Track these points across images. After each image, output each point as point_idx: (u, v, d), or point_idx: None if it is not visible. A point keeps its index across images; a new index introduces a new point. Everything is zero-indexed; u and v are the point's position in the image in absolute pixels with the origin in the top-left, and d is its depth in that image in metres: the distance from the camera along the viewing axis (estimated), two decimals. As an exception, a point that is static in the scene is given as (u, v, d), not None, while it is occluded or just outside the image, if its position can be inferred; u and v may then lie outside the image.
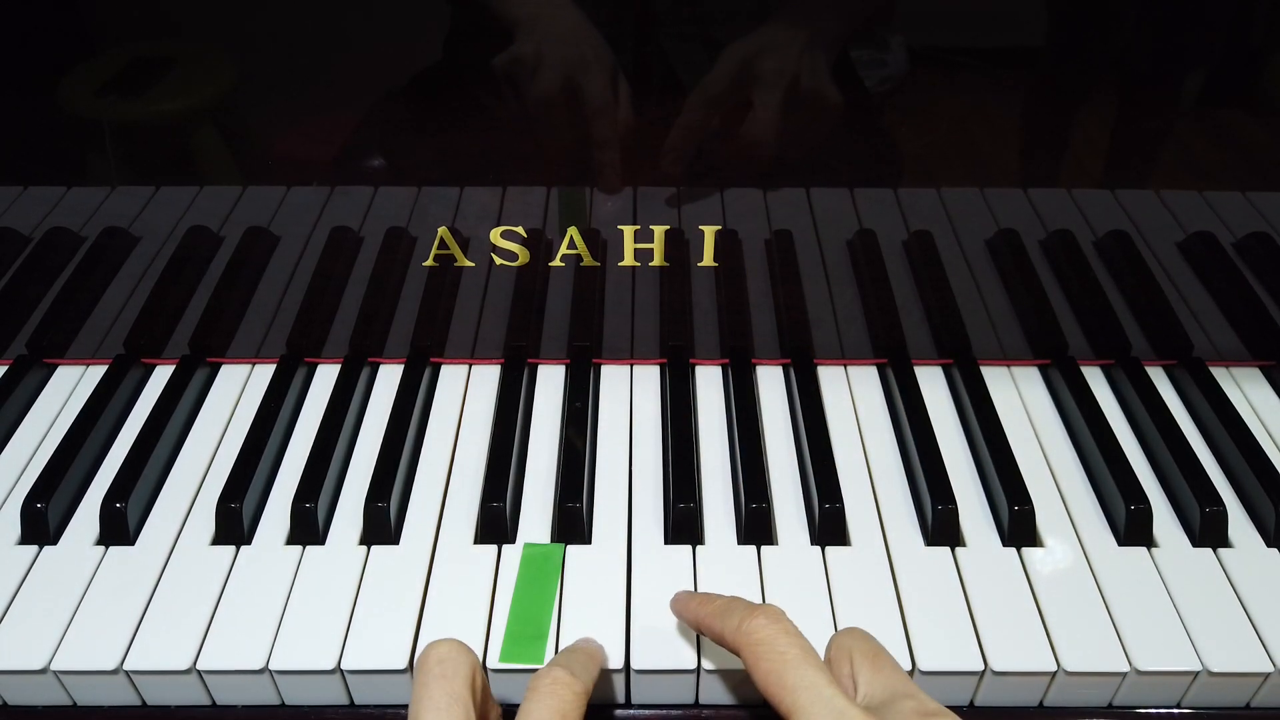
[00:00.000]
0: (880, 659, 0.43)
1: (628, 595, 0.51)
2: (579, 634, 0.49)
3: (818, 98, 0.55)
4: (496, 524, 0.54)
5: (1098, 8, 0.55)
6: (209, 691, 0.49)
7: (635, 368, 0.67)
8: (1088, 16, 0.56)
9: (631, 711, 0.49)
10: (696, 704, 0.49)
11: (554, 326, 0.65)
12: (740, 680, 0.48)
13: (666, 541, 0.54)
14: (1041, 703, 0.49)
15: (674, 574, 0.52)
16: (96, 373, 0.66)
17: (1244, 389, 0.65)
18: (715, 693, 0.49)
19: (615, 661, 0.48)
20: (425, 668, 0.41)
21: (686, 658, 0.48)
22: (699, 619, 0.45)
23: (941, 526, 0.54)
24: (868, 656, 0.43)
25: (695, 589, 0.51)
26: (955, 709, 0.42)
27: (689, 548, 0.54)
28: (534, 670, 0.47)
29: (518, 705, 0.48)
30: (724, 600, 0.44)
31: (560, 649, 0.48)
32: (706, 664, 0.47)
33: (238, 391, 0.65)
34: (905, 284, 0.63)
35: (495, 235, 0.61)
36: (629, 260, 0.62)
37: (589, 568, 0.52)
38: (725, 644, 0.43)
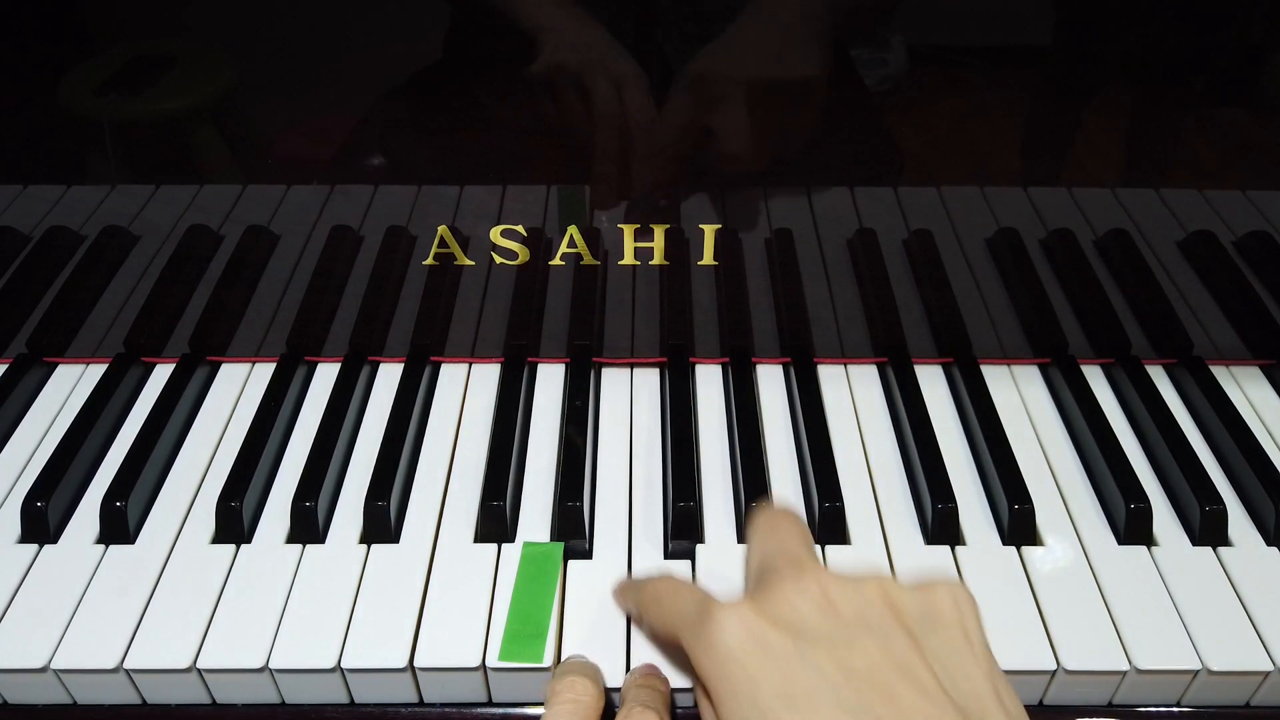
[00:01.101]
0: (773, 522, 0.45)
1: (628, 594, 0.51)
2: (580, 633, 0.49)
3: (789, 88, 0.55)
4: (496, 523, 0.54)
5: (1098, 6, 0.55)
6: (209, 690, 0.49)
7: (635, 367, 0.67)
8: (1088, 15, 0.56)
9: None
10: (697, 704, 0.49)
11: (554, 325, 0.65)
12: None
13: (666, 541, 0.54)
14: (1041, 701, 0.49)
15: (675, 574, 0.52)
16: (96, 371, 0.66)
17: (1244, 388, 0.65)
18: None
19: (617, 663, 0.48)
20: (557, 693, 0.43)
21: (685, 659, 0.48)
22: (623, 603, 0.49)
23: (941, 525, 0.54)
24: (763, 523, 0.45)
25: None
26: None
27: (689, 546, 0.54)
28: (533, 669, 0.47)
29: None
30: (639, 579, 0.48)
31: (560, 650, 0.48)
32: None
33: (238, 390, 0.65)
34: (905, 283, 0.63)
35: (495, 234, 0.61)
36: (629, 259, 0.62)
37: (589, 567, 0.52)
38: (641, 612, 0.47)
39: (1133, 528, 0.54)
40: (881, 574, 0.40)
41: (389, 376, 0.65)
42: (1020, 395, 0.65)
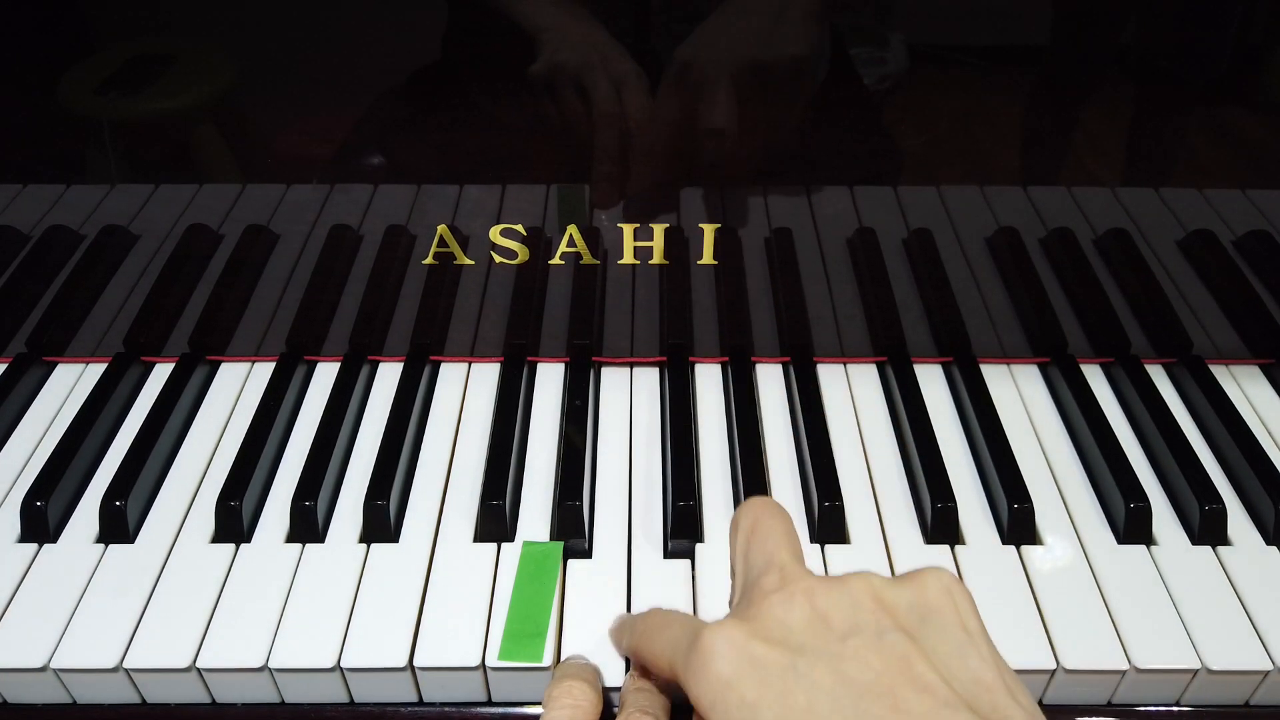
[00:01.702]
0: (759, 526, 0.42)
1: (628, 594, 0.51)
2: (580, 632, 0.49)
3: (777, 69, 0.55)
4: (496, 522, 0.54)
5: (1098, 5, 0.55)
6: (209, 689, 0.49)
7: (635, 366, 0.67)
8: (1088, 14, 0.56)
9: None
10: (696, 702, 0.49)
11: (554, 324, 0.65)
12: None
13: (666, 540, 0.54)
14: (1041, 700, 0.49)
15: (674, 573, 0.52)
16: (96, 371, 0.66)
17: (1243, 387, 0.65)
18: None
19: (616, 663, 0.48)
20: (555, 698, 0.43)
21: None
22: (616, 643, 0.48)
23: (941, 524, 0.54)
24: (749, 528, 0.43)
25: (695, 587, 0.51)
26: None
27: (689, 546, 0.54)
28: (533, 669, 0.47)
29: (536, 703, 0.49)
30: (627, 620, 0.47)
31: (560, 650, 0.48)
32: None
33: (237, 389, 0.65)
34: (905, 282, 0.63)
35: (495, 233, 0.61)
36: (629, 258, 0.62)
37: (589, 566, 0.52)
38: (633, 653, 0.45)
39: (1132, 527, 0.54)
40: (868, 573, 0.38)
41: (389, 376, 0.65)
42: (1020, 394, 0.65)
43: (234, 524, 0.54)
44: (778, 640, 0.36)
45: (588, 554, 0.54)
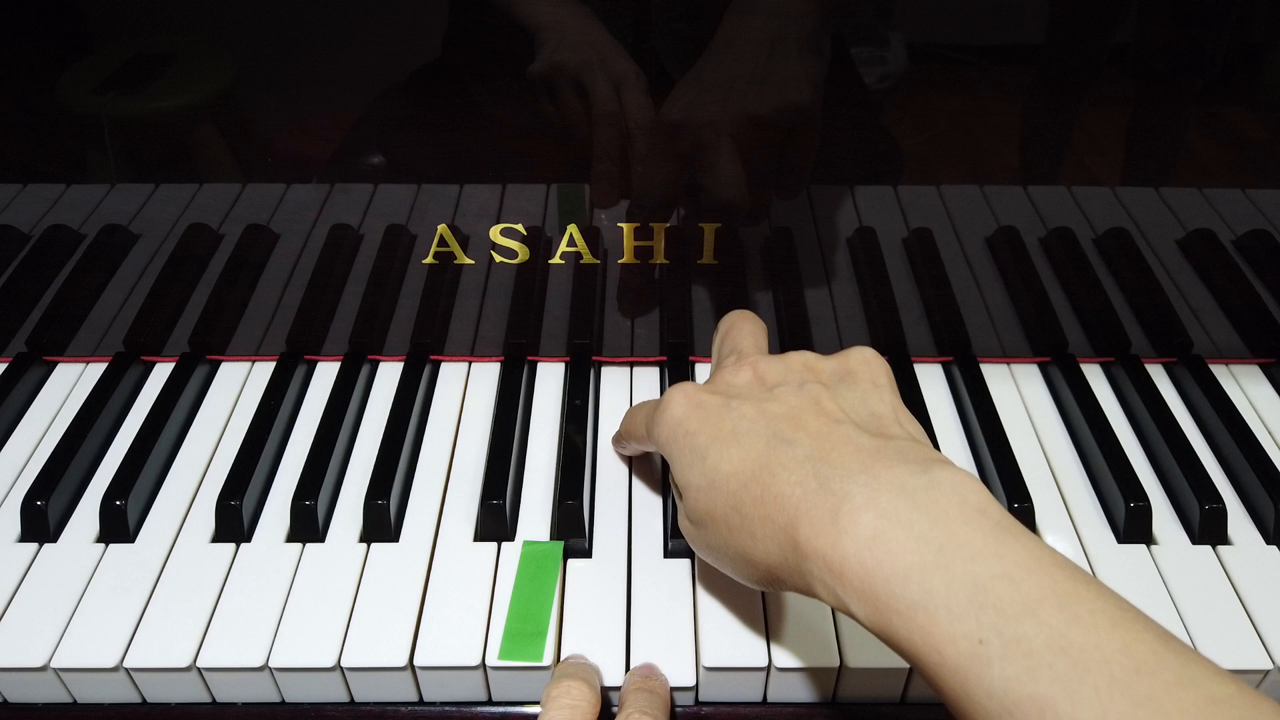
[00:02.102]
0: (732, 331, 0.51)
1: (628, 594, 0.51)
2: (579, 631, 0.49)
3: (783, 114, 0.55)
4: (496, 521, 0.54)
5: (1098, 5, 0.55)
6: (209, 689, 0.49)
7: (635, 365, 0.67)
8: (1088, 13, 0.56)
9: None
10: (697, 702, 0.49)
11: (554, 324, 0.65)
12: (737, 678, 0.48)
13: (666, 539, 0.54)
14: (1041, 700, 0.49)
15: (675, 572, 0.52)
16: (96, 370, 0.66)
17: (1243, 386, 0.65)
18: (713, 690, 0.49)
19: (617, 659, 0.48)
20: (554, 698, 0.44)
21: (685, 657, 0.48)
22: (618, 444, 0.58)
23: (941, 524, 0.54)
24: (727, 329, 0.52)
25: (694, 588, 0.51)
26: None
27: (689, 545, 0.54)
28: (533, 668, 0.47)
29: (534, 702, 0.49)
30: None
31: (560, 650, 0.48)
32: (706, 662, 0.47)
33: (237, 389, 0.65)
34: (905, 281, 0.63)
35: (495, 233, 0.61)
36: (629, 258, 0.62)
37: (589, 566, 0.53)
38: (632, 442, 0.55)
39: (1132, 526, 0.54)
40: (806, 351, 0.47)
41: (389, 375, 0.65)
42: (1020, 393, 0.65)
43: (234, 523, 0.54)
44: (720, 392, 0.45)
45: (588, 553, 0.54)
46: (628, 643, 0.49)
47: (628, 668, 0.48)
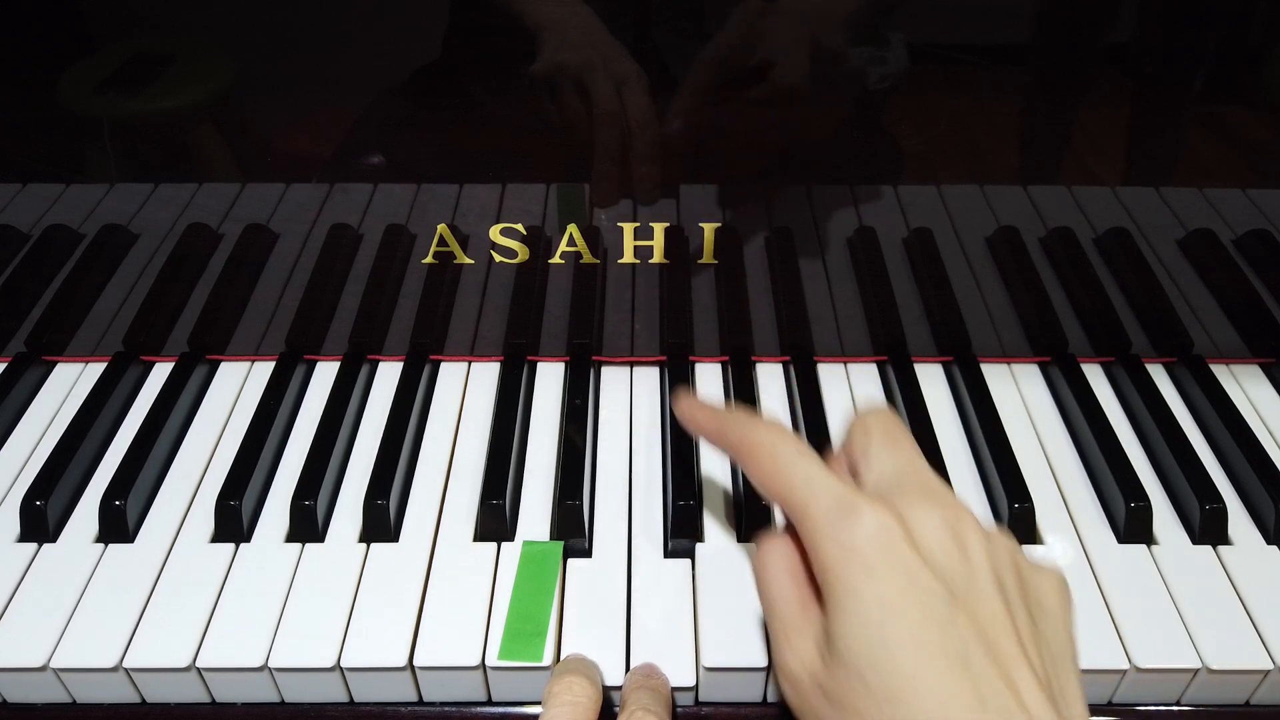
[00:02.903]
0: (896, 436, 0.43)
1: (628, 594, 0.51)
2: (579, 631, 0.49)
3: (836, 66, 0.54)
4: (496, 521, 0.54)
5: (1098, 4, 0.55)
6: (208, 689, 0.49)
7: (635, 365, 0.67)
8: (1088, 13, 0.56)
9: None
10: (697, 702, 0.49)
11: (554, 324, 0.65)
12: (737, 679, 0.48)
13: (666, 539, 0.54)
14: (1041, 700, 0.49)
15: (674, 572, 0.52)
16: (96, 370, 0.66)
17: (1244, 386, 0.65)
18: (713, 690, 0.49)
19: (616, 659, 0.48)
20: (555, 694, 0.43)
21: (686, 657, 0.48)
22: (699, 424, 0.47)
23: (941, 524, 0.54)
24: (887, 435, 0.43)
25: (695, 588, 0.51)
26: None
27: (689, 545, 0.54)
28: (533, 668, 0.47)
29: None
30: (727, 410, 0.46)
31: (560, 649, 0.48)
32: (706, 662, 0.47)
33: (237, 389, 0.65)
34: (905, 281, 0.63)
35: (495, 232, 0.61)
36: (629, 257, 0.62)
37: (589, 566, 0.52)
38: (726, 447, 0.45)
39: (1132, 526, 0.54)
40: (1011, 538, 0.40)
41: (388, 375, 0.65)
42: (1020, 393, 0.64)
43: (234, 523, 0.54)
44: (924, 548, 0.38)
45: (588, 553, 0.54)
46: (628, 642, 0.49)
47: (627, 667, 0.48)
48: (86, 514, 0.56)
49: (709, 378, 0.65)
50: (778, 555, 0.42)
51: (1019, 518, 0.54)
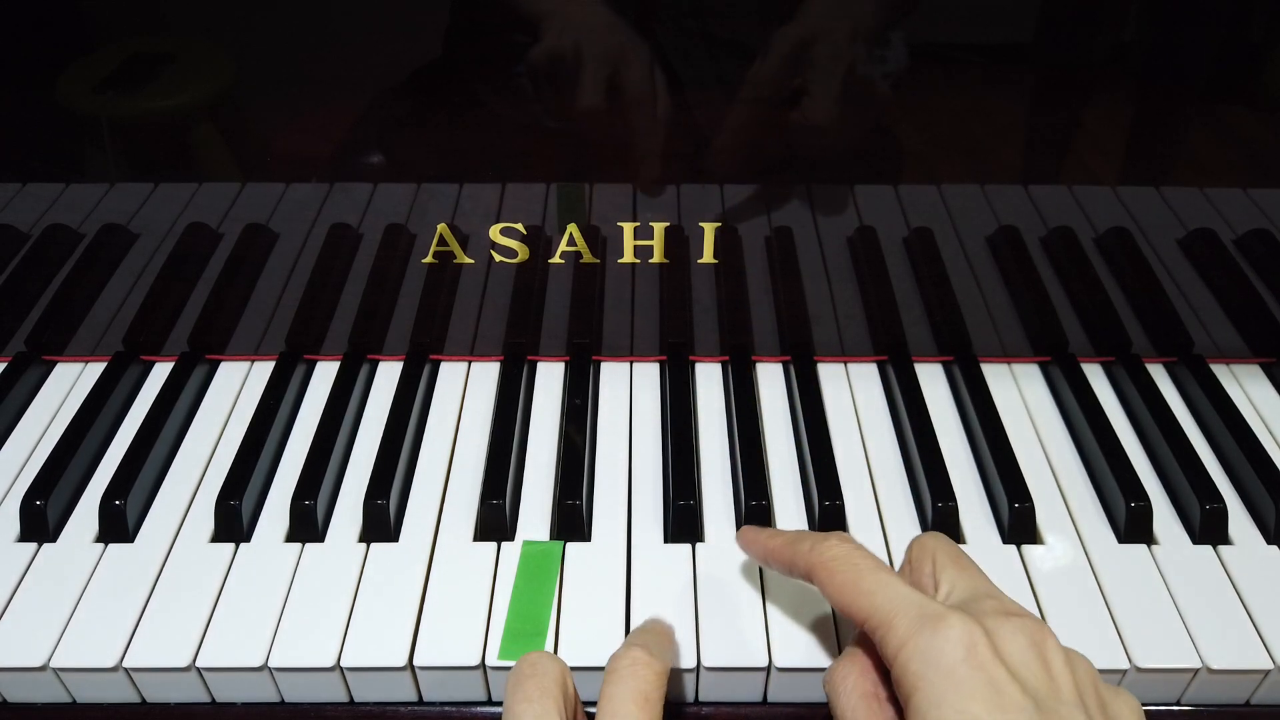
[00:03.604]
0: (962, 560, 0.43)
1: (627, 593, 0.51)
2: (579, 631, 0.49)
3: (868, 86, 0.55)
4: (496, 521, 0.54)
5: (1098, 4, 0.55)
6: (208, 689, 0.49)
7: (635, 365, 0.67)
8: (1088, 12, 0.56)
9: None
10: (696, 701, 0.49)
11: (553, 323, 0.65)
12: (737, 679, 0.48)
13: (666, 539, 0.54)
14: (1041, 700, 0.49)
15: (674, 572, 0.52)
16: (95, 370, 0.66)
17: (1244, 386, 0.65)
18: (713, 690, 0.49)
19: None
20: (517, 668, 0.42)
21: (686, 658, 0.48)
22: (768, 550, 0.46)
23: (941, 524, 0.54)
24: (950, 557, 0.43)
25: (695, 588, 0.51)
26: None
27: (689, 545, 0.54)
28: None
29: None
30: (793, 531, 0.46)
31: (559, 649, 0.48)
32: (707, 662, 0.47)
33: (237, 389, 0.65)
34: (906, 281, 0.63)
35: (495, 232, 0.61)
36: (629, 257, 0.62)
37: (588, 566, 0.52)
38: (797, 570, 0.44)
39: (1133, 526, 0.54)
40: (1090, 662, 0.40)
41: (388, 375, 0.65)
42: (1020, 393, 0.64)
43: (233, 523, 0.54)
44: (1010, 664, 0.37)
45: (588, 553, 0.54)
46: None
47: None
48: (86, 514, 0.56)
49: (709, 377, 0.65)
50: (851, 677, 0.41)
51: (1019, 517, 0.54)
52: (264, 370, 0.66)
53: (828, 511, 0.54)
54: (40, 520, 0.54)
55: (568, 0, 0.53)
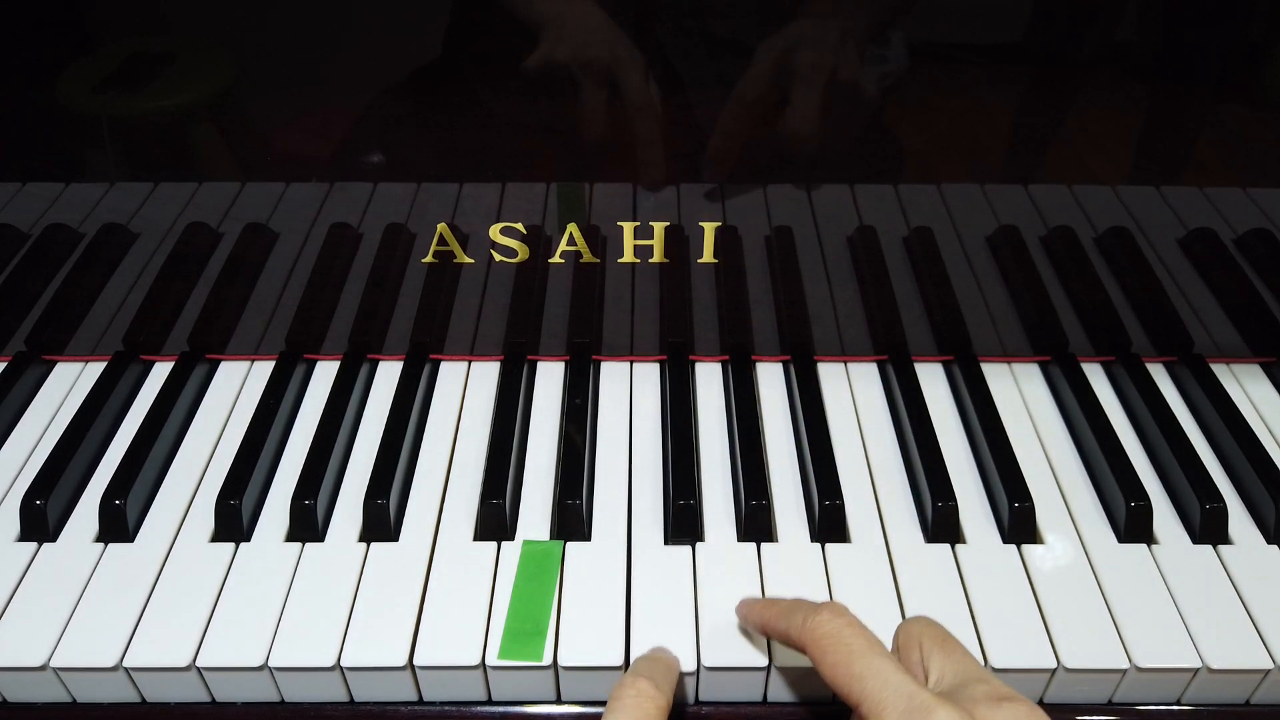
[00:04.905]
0: (949, 644, 0.43)
1: (627, 593, 0.51)
2: (578, 630, 0.49)
3: (855, 91, 0.55)
4: (496, 521, 0.54)
5: (1098, 3, 0.55)
6: (208, 688, 0.49)
7: (635, 364, 0.67)
8: (1088, 12, 0.55)
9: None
10: (696, 701, 0.49)
11: (554, 323, 0.65)
12: (737, 679, 0.48)
13: (666, 539, 0.54)
14: (1041, 699, 0.49)
15: (673, 571, 0.52)
16: (95, 369, 0.66)
17: (1244, 385, 0.65)
18: (713, 690, 0.49)
19: (615, 659, 0.48)
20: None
21: (686, 658, 0.48)
22: (764, 621, 0.46)
23: (941, 523, 0.54)
24: (937, 642, 0.43)
25: (695, 585, 0.51)
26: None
27: (689, 545, 0.54)
28: (533, 668, 0.47)
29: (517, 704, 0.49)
30: (788, 601, 0.45)
31: (559, 650, 0.48)
32: (706, 662, 0.47)
33: (237, 388, 0.65)
34: (906, 280, 0.63)
35: (495, 232, 0.61)
36: (629, 257, 0.62)
37: (588, 565, 0.52)
38: (791, 643, 0.43)
39: (1133, 526, 0.54)
40: None
41: (388, 374, 0.65)
42: (1020, 393, 0.64)
43: (234, 523, 0.54)
44: None
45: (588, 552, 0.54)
46: (627, 641, 0.49)
47: (626, 665, 0.47)
48: (86, 513, 0.56)
49: (709, 377, 0.65)
50: None
51: (1019, 517, 0.54)
52: (264, 370, 0.66)
53: (827, 511, 0.54)
54: (40, 520, 0.54)
55: (566, 6, 0.53)
